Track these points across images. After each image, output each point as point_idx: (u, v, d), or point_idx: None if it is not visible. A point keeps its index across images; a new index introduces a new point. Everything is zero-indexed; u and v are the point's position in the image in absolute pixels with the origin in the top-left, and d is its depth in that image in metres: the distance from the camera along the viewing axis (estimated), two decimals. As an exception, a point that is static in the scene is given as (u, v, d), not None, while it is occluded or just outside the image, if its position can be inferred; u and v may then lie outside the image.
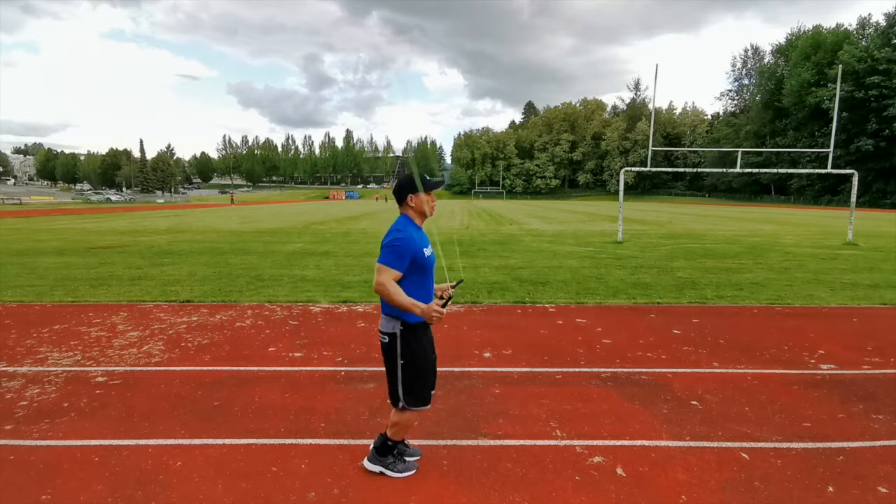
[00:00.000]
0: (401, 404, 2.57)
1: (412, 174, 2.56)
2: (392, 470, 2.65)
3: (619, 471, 2.66)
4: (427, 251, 2.55)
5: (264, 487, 2.50)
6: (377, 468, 2.66)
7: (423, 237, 2.58)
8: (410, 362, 2.52)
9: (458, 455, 2.81)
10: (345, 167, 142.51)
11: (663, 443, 2.96)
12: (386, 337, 2.52)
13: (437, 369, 2.70)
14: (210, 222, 23.14)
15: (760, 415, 3.33)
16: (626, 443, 2.95)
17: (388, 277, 2.40)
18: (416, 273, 2.51)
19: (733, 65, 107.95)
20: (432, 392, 2.66)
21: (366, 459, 2.72)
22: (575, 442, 2.96)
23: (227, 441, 2.94)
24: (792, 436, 3.04)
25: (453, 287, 2.61)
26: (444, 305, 2.42)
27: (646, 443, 2.95)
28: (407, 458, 2.73)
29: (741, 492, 2.48)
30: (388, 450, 2.67)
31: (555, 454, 2.83)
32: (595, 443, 2.95)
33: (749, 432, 3.09)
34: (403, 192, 2.54)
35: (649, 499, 2.43)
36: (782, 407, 3.45)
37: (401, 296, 2.37)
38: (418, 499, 2.43)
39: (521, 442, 2.96)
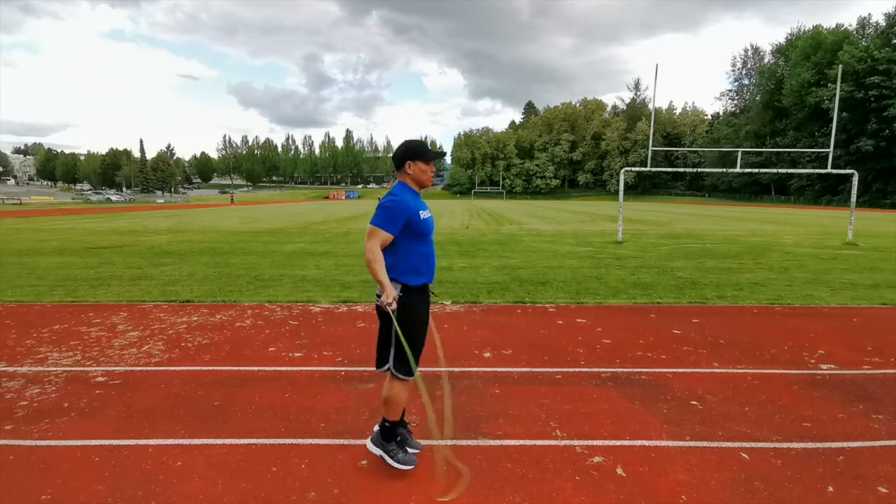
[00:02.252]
0: (388, 366, 2.57)
1: (413, 142, 2.57)
2: (393, 458, 2.62)
3: (619, 471, 2.66)
4: (424, 214, 2.53)
5: (264, 487, 2.50)
6: (378, 451, 2.65)
7: (420, 202, 2.56)
8: (406, 328, 2.50)
9: (458, 455, 2.80)
10: (345, 167, 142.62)
11: (663, 443, 2.95)
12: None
13: (437, 369, 2.70)
14: (210, 222, 23.13)
15: (760, 415, 3.33)
16: (626, 443, 2.95)
17: (377, 244, 2.39)
18: (414, 238, 2.50)
19: (733, 65, 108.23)
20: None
21: (369, 440, 2.72)
22: (575, 442, 2.96)
23: (227, 441, 2.94)
24: (792, 436, 3.04)
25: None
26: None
27: (646, 443, 2.95)
28: (409, 449, 2.72)
29: (741, 492, 2.48)
30: (390, 434, 2.65)
31: (555, 454, 2.83)
32: (595, 443, 2.95)
33: (749, 432, 3.08)
34: (403, 158, 2.54)
35: (649, 499, 2.43)
36: (782, 407, 3.45)
37: (381, 269, 2.37)
38: (418, 499, 2.43)
39: (521, 442, 2.96)
